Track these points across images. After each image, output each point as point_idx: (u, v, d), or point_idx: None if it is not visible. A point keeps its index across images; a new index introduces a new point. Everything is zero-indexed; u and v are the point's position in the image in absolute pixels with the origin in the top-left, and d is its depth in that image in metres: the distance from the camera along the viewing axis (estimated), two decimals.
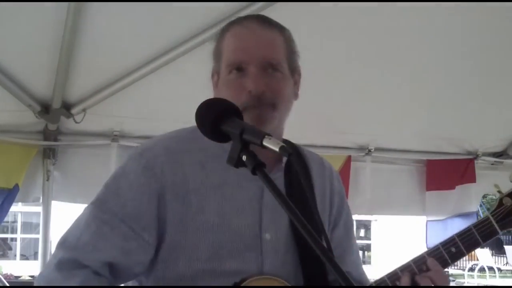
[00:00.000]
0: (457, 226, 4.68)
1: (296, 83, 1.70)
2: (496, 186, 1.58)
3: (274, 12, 3.01)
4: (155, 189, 1.52)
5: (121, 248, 1.49)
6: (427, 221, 4.72)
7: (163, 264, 1.53)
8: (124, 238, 1.50)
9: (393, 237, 20.50)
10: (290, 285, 1.53)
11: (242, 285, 1.47)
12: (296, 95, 1.70)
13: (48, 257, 3.28)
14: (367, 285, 1.60)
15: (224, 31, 1.63)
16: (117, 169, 1.61)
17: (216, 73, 1.65)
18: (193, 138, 1.60)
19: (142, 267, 1.53)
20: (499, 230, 1.56)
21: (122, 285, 1.59)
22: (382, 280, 1.56)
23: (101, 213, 1.53)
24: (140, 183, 1.53)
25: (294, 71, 1.68)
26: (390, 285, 1.55)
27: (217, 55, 1.63)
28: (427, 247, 4.89)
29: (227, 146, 1.50)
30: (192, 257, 1.51)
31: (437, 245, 1.56)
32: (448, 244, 1.56)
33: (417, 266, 1.56)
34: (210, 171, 1.57)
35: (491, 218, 1.56)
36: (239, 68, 1.56)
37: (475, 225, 1.56)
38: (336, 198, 1.75)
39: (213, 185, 1.55)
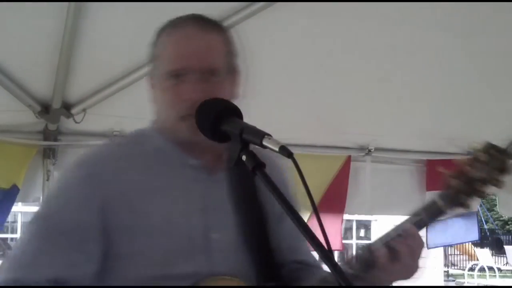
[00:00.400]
0: (458, 226, 4.69)
1: (236, 83, 1.65)
2: (443, 170, 1.57)
3: (274, 12, 3.02)
4: (98, 198, 1.48)
5: (65, 262, 1.46)
6: None
7: (113, 273, 1.50)
8: (68, 252, 1.46)
9: None
10: (244, 283, 1.52)
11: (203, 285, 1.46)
12: (236, 95, 1.65)
13: None
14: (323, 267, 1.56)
15: (160, 34, 1.60)
16: (57, 181, 1.58)
17: (152, 76, 1.62)
18: (135, 143, 1.61)
19: (88, 281, 1.49)
20: (446, 211, 1.54)
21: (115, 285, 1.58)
22: (358, 254, 1.54)
23: (43, 228, 1.49)
24: (81, 194, 1.49)
25: (233, 71, 1.63)
26: (367, 259, 1.51)
27: (154, 59, 1.60)
28: (428, 247, 4.92)
29: (169, 149, 1.56)
30: (143, 264, 1.48)
31: (388, 232, 1.54)
32: (396, 229, 1.55)
33: (395, 233, 1.53)
34: (154, 175, 1.54)
35: (438, 200, 1.54)
36: (177, 76, 1.52)
37: (423, 207, 1.55)
38: (281, 186, 1.72)
39: (157, 189, 1.53)
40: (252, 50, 3.21)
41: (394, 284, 1.56)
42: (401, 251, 1.49)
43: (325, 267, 1.54)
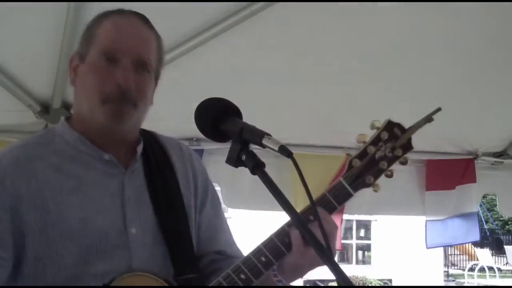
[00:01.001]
0: (458, 225, 4.69)
1: (155, 89, 1.69)
2: (345, 150, 1.58)
3: (274, 12, 3.02)
4: (7, 203, 1.44)
5: None
6: (427, 221, 4.73)
7: (29, 277, 1.46)
8: None
9: (393, 237, 20.49)
10: (158, 280, 1.49)
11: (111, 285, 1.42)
12: (152, 101, 1.68)
13: None
14: (243, 257, 1.53)
15: (101, 17, 1.59)
16: None
17: (79, 57, 1.59)
18: (44, 143, 1.58)
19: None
20: (352, 192, 1.55)
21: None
22: (270, 239, 1.49)
23: None
24: None
25: (157, 78, 1.67)
26: (279, 244, 1.47)
27: (88, 38, 1.57)
28: (427, 247, 4.92)
29: (82, 145, 1.55)
30: (59, 266, 1.45)
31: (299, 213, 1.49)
32: (307, 212, 1.51)
33: (305, 217, 1.49)
34: (66, 173, 1.51)
35: (343, 182, 1.54)
36: (111, 58, 1.52)
37: (329, 191, 1.54)
38: (199, 178, 1.73)
39: (71, 188, 1.50)
40: (252, 50, 3.22)
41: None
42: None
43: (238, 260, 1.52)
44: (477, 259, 19.65)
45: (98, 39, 1.55)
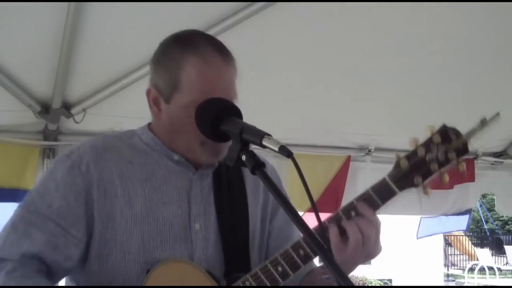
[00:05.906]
0: (452, 222, 4.74)
1: None
2: (397, 155, 1.56)
3: (274, 12, 3.02)
4: (82, 186, 1.55)
5: (49, 243, 1.51)
6: (421, 217, 4.79)
7: (96, 259, 1.56)
8: (52, 234, 1.52)
9: (393, 237, 20.48)
10: (199, 268, 1.54)
11: (150, 270, 1.48)
12: None
13: None
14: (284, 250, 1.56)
15: (182, 58, 1.58)
16: (45, 173, 1.65)
17: (159, 93, 1.62)
18: (122, 139, 1.68)
19: (71, 263, 1.55)
20: (397, 190, 1.54)
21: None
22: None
23: (28, 214, 1.55)
24: (66, 182, 1.56)
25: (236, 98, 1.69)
26: (319, 239, 1.47)
27: (171, 80, 1.59)
28: (417, 238, 5.00)
29: (156, 145, 1.63)
30: (124, 250, 1.54)
31: (338, 212, 1.51)
32: (347, 208, 1.52)
33: (346, 213, 1.51)
34: (137, 165, 1.61)
35: (387, 179, 1.53)
36: None
37: (372, 188, 1.54)
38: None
39: (140, 179, 1.59)
40: (252, 50, 3.22)
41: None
42: (350, 230, 1.48)
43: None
44: (477, 259, 19.62)
45: (185, 88, 1.56)
